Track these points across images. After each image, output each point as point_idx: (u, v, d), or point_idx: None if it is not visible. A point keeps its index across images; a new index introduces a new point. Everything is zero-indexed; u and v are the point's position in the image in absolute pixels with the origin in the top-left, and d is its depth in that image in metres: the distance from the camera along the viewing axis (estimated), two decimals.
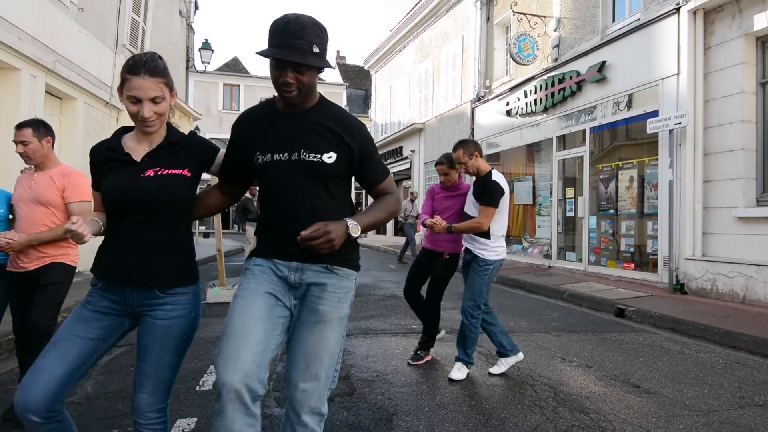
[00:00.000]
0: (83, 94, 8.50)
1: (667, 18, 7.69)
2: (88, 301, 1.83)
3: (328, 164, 1.79)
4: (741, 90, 6.83)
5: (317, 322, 1.79)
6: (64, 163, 3.19)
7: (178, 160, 1.86)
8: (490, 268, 3.79)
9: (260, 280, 1.81)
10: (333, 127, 1.82)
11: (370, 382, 3.70)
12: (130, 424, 2.91)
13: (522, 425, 2.97)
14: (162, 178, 1.81)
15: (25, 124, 2.99)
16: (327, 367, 1.79)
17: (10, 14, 6.39)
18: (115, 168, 1.82)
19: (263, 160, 1.82)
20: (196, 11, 16.24)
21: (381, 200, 1.94)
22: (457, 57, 14.89)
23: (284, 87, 1.74)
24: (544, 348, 4.70)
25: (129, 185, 1.78)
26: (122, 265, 1.79)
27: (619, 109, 8.79)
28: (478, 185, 3.80)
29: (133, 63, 1.77)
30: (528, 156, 11.99)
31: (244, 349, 1.67)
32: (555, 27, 10.58)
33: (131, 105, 1.77)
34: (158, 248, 1.82)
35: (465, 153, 3.80)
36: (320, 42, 1.71)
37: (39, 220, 2.96)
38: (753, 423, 3.04)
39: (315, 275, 1.81)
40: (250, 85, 29.27)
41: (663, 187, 7.79)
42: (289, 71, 1.70)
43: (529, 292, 8.19)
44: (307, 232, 1.63)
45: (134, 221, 1.79)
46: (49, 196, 2.99)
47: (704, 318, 5.63)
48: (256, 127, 1.89)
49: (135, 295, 1.81)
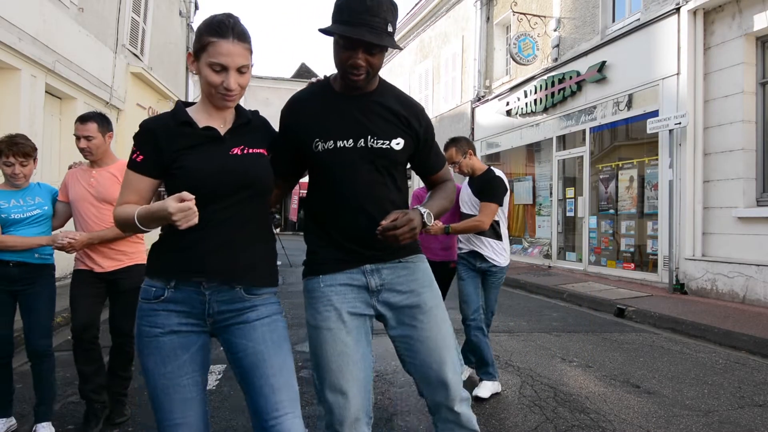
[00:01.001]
0: (83, 94, 8.50)
1: (667, 18, 7.69)
2: (156, 324, 1.47)
3: (397, 151, 1.67)
4: (741, 90, 6.83)
5: (425, 313, 1.69)
6: (119, 158, 2.98)
7: (257, 138, 1.61)
8: (504, 275, 3.55)
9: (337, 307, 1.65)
10: (400, 110, 1.69)
11: None
12: (130, 423, 2.91)
13: (522, 425, 2.97)
14: (251, 157, 1.55)
15: (88, 118, 2.82)
16: (454, 351, 1.72)
17: (10, 14, 6.39)
18: (191, 146, 1.50)
19: (324, 148, 1.63)
20: (196, 11, 16.24)
21: (442, 187, 1.84)
22: (457, 57, 14.89)
23: (353, 70, 1.56)
24: (544, 348, 4.70)
25: (225, 163, 1.49)
26: (218, 260, 1.48)
27: (619, 109, 8.79)
28: (478, 182, 3.50)
29: (218, 24, 1.46)
30: (528, 156, 11.99)
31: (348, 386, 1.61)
32: (555, 27, 10.58)
33: (213, 74, 1.47)
34: (252, 238, 1.55)
35: (458, 152, 3.49)
36: (393, 21, 1.56)
37: (108, 219, 2.75)
38: (753, 423, 3.04)
39: (392, 272, 1.70)
40: (250, 85, 28.12)
41: (663, 187, 7.79)
42: (361, 52, 1.53)
43: (529, 292, 8.19)
44: (388, 221, 1.52)
45: (225, 206, 1.50)
46: (115, 192, 2.67)
47: (704, 318, 5.62)
48: (313, 111, 1.68)
49: (215, 299, 1.50)
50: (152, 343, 1.47)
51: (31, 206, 2.79)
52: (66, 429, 2.87)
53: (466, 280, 3.55)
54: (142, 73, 10.62)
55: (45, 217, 2.84)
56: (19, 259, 2.72)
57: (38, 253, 2.78)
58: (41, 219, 2.81)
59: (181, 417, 1.44)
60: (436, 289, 1.76)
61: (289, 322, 6.19)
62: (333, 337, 1.62)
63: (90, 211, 2.83)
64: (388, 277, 1.69)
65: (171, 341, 1.47)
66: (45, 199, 2.87)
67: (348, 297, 1.66)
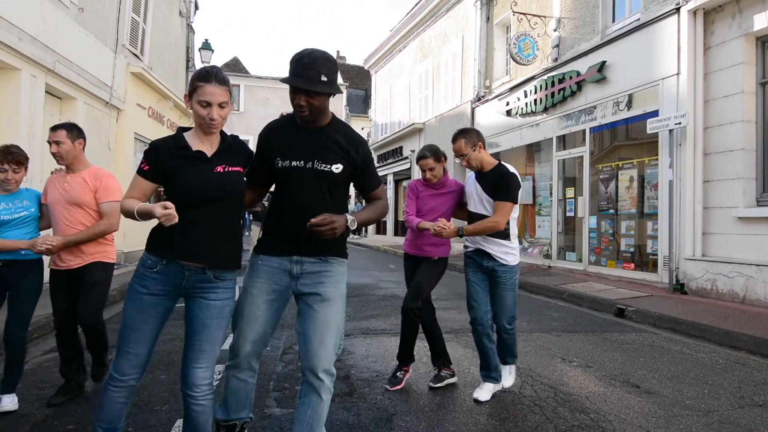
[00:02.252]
0: (83, 94, 8.49)
1: (667, 18, 7.69)
2: (144, 285, 2.07)
3: (336, 173, 2.18)
4: (741, 90, 6.83)
5: (323, 301, 2.19)
6: (93, 165, 3.36)
7: (235, 159, 2.17)
8: (517, 275, 3.39)
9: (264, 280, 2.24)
10: (343, 142, 2.20)
11: (370, 382, 3.70)
12: (130, 423, 2.92)
13: (522, 425, 2.97)
14: (230, 174, 2.11)
15: (59, 126, 3.21)
16: (335, 336, 2.20)
17: (10, 14, 6.39)
18: (186, 164, 2.07)
19: (282, 165, 2.18)
20: (196, 11, 16.24)
21: (374, 203, 2.36)
22: (457, 57, 14.89)
23: (298, 109, 2.10)
24: (544, 348, 4.70)
25: (209, 179, 2.06)
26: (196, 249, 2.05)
27: (619, 109, 8.79)
28: (490, 179, 3.26)
29: (205, 72, 2.07)
30: (528, 156, 11.99)
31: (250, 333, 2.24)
32: (555, 27, 10.58)
33: (201, 108, 2.04)
34: (225, 235, 2.13)
35: (468, 143, 3.27)
36: (329, 72, 2.06)
37: (76, 221, 3.16)
38: (753, 423, 3.04)
39: (312, 266, 2.21)
40: (250, 85, 29.25)
41: (663, 187, 7.79)
42: (302, 96, 2.06)
43: (529, 292, 8.19)
44: (316, 219, 2.00)
45: (208, 211, 2.06)
46: (84, 197, 3.18)
47: (704, 318, 5.63)
48: (279, 136, 2.24)
49: (193, 278, 2.09)
50: (136, 297, 2.08)
51: (19, 208, 3.12)
52: (66, 429, 2.87)
53: (473, 282, 3.39)
54: (142, 73, 10.62)
55: (31, 219, 3.18)
56: (6, 257, 3.04)
57: (24, 250, 3.06)
58: (28, 220, 3.15)
59: (133, 348, 2.07)
60: (341, 287, 2.26)
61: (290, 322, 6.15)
62: (251, 299, 2.24)
63: (62, 214, 3.16)
64: (308, 269, 2.21)
65: (149, 300, 2.07)
66: (32, 202, 3.21)
67: (273, 276, 2.23)
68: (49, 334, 4.90)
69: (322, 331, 2.16)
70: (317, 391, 2.13)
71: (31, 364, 4.01)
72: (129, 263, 9.03)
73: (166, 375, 3.80)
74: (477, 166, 3.33)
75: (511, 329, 3.41)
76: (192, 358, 2.09)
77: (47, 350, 4.42)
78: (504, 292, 3.33)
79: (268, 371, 3.86)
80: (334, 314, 2.21)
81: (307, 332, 2.17)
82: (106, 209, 3.20)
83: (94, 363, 3.52)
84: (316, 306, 2.18)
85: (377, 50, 21.71)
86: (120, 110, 9.99)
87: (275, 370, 3.92)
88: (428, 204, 3.55)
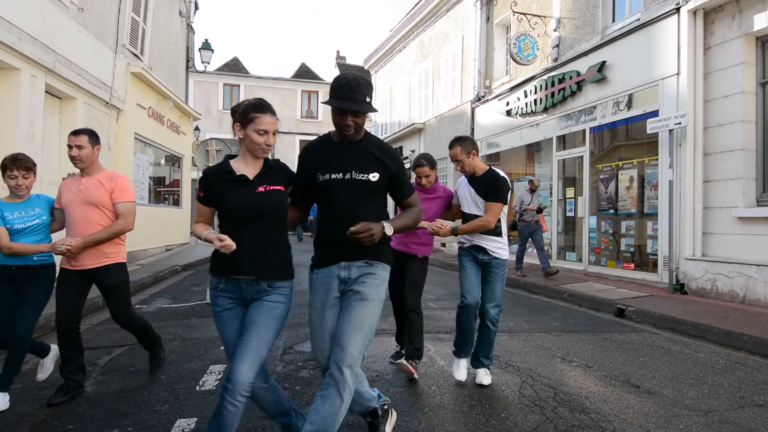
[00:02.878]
0: (83, 94, 8.49)
1: (667, 18, 7.69)
2: (217, 304, 2.36)
3: (374, 181, 2.37)
4: (741, 90, 6.83)
5: (361, 300, 2.34)
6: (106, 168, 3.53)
7: (276, 179, 2.39)
8: (506, 269, 3.72)
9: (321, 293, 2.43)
10: (377, 153, 2.40)
11: (370, 382, 3.67)
12: (131, 423, 2.92)
13: (522, 425, 2.97)
14: (271, 192, 2.34)
15: (81, 131, 3.37)
16: (366, 336, 2.33)
17: (10, 14, 6.39)
18: (231, 187, 2.31)
19: (322, 179, 2.37)
20: (196, 11, 16.24)
21: (408, 210, 2.54)
22: (457, 57, 14.89)
23: (345, 128, 2.32)
24: (544, 348, 4.70)
25: (252, 198, 2.29)
26: (248, 264, 2.28)
27: (619, 109, 8.79)
28: (482, 183, 3.59)
29: (259, 105, 2.34)
30: (528, 156, 12.00)
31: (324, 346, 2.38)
32: (555, 27, 10.58)
33: (258, 136, 2.30)
34: (273, 248, 2.35)
35: (462, 150, 3.59)
36: (369, 93, 2.33)
37: (94, 220, 3.30)
38: (753, 423, 3.04)
39: (358, 269, 2.40)
40: (250, 85, 29.24)
41: (663, 187, 7.79)
42: (349, 116, 2.30)
43: (529, 292, 8.19)
44: (354, 228, 2.20)
45: (254, 228, 2.29)
46: (100, 197, 3.32)
47: (704, 318, 5.63)
48: (317, 154, 2.45)
49: (250, 289, 2.31)
50: (217, 317, 2.37)
51: (31, 216, 3.26)
52: (66, 429, 2.87)
53: (468, 270, 3.68)
54: (142, 73, 10.62)
55: (43, 226, 3.31)
56: (19, 263, 3.20)
57: (36, 255, 3.22)
58: (40, 228, 3.28)
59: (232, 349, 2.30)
60: (381, 291, 2.42)
61: (290, 322, 6.18)
62: (315, 313, 2.43)
63: (78, 214, 3.29)
64: (354, 273, 2.40)
65: (226, 315, 2.35)
66: (43, 209, 3.33)
67: (327, 285, 2.41)
68: (48, 334, 4.90)
69: (354, 328, 2.28)
70: (338, 386, 2.22)
71: (31, 364, 4.01)
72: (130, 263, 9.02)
73: (166, 375, 3.80)
74: (470, 171, 3.66)
75: (495, 319, 3.69)
76: (237, 353, 2.21)
77: None
78: (495, 282, 3.67)
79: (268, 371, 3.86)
80: (368, 314, 2.34)
81: (341, 327, 2.31)
82: (122, 209, 3.37)
83: (150, 356, 3.86)
84: (354, 304, 2.34)
85: (377, 50, 21.70)
86: (120, 110, 9.99)
87: (275, 370, 3.92)
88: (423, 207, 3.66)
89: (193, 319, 5.80)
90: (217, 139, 7.64)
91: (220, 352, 4.37)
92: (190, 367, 3.99)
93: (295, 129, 29.44)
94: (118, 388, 3.53)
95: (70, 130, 3.64)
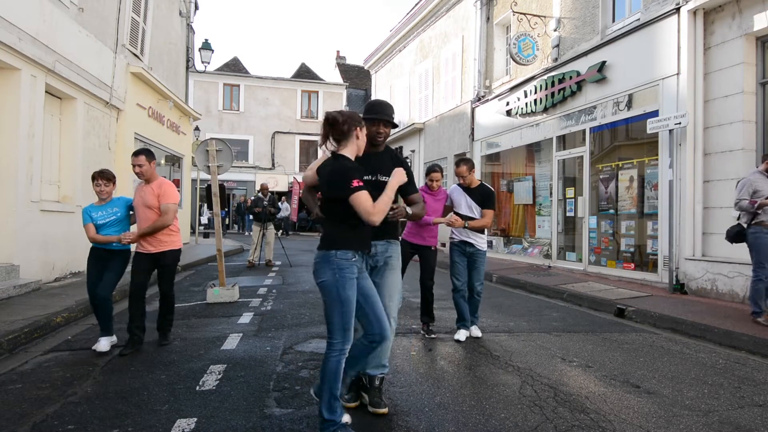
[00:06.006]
0: (83, 94, 8.49)
1: (667, 18, 7.69)
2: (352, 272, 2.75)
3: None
4: (741, 90, 6.83)
5: (391, 269, 3.19)
6: (160, 177, 4.61)
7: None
8: (486, 257, 5.13)
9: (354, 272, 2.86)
10: (394, 161, 3.19)
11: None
12: (131, 423, 2.92)
13: (522, 425, 2.97)
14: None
15: (140, 152, 4.49)
16: (399, 293, 3.25)
17: (10, 14, 6.39)
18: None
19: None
20: (196, 11, 16.24)
21: (416, 205, 3.26)
22: (457, 57, 14.89)
23: (378, 135, 3.13)
24: (544, 348, 4.70)
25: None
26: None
27: (619, 109, 8.79)
28: (478, 194, 4.92)
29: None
30: (528, 156, 11.99)
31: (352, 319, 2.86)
32: (555, 27, 10.58)
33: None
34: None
35: (468, 169, 4.89)
36: (393, 113, 3.22)
37: (148, 218, 4.46)
38: (753, 423, 3.04)
39: (381, 246, 3.17)
40: (250, 85, 29.23)
41: (663, 187, 7.79)
42: (382, 125, 3.14)
43: (529, 292, 8.19)
44: (395, 205, 2.89)
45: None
46: (152, 201, 4.45)
47: (704, 318, 5.63)
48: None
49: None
50: (351, 282, 2.75)
51: (110, 214, 4.49)
52: (66, 429, 2.87)
53: (458, 262, 5.02)
54: (142, 73, 10.62)
55: (118, 221, 4.51)
56: (105, 247, 4.48)
57: (115, 243, 4.42)
58: (115, 222, 4.50)
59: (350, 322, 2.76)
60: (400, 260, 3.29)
61: (290, 322, 6.20)
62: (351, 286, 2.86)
63: (139, 213, 4.51)
64: (379, 249, 3.18)
65: (356, 281, 2.78)
66: (120, 208, 4.54)
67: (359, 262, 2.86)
68: (48, 334, 4.91)
69: (391, 289, 3.15)
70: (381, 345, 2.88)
71: (31, 364, 4.01)
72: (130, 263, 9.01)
73: (166, 375, 3.80)
74: (468, 183, 4.98)
75: (480, 291, 5.13)
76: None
77: (47, 350, 4.43)
78: (479, 267, 5.05)
79: (268, 371, 3.86)
80: (397, 278, 3.23)
81: (381, 291, 3.06)
82: (163, 209, 4.44)
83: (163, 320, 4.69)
84: (387, 273, 3.17)
85: (377, 50, 21.70)
86: (120, 110, 9.99)
87: (275, 370, 3.92)
88: (431, 206, 4.93)
89: (193, 319, 5.79)
90: (217, 139, 7.62)
91: (220, 352, 4.38)
92: (190, 367, 3.99)
93: (295, 129, 29.43)
94: (118, 388, 3.53)
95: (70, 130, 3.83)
